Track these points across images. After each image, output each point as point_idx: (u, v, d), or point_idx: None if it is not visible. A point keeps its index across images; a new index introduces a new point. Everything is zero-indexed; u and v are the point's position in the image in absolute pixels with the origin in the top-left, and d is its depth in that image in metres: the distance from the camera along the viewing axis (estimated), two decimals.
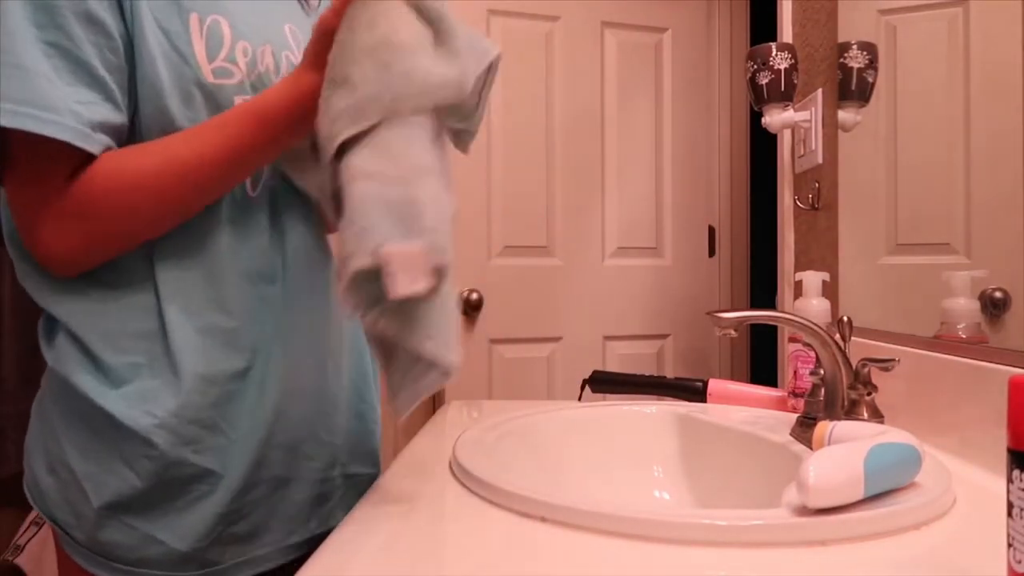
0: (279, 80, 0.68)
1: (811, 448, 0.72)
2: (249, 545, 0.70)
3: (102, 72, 0.60)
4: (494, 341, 1.91)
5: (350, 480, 0.80)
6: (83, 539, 0.65)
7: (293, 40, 0.74)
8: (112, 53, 0.61)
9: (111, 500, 0.64)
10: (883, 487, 0.54)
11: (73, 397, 0.64)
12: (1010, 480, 0.36)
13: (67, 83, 0.58)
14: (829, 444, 0.61)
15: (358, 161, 0.55)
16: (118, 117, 0.62)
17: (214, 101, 0.65)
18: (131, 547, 0.65)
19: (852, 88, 1.11)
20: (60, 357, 0.65)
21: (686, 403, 1.02)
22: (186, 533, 0.65)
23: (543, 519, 0.54)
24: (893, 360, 0.69)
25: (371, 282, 0.54)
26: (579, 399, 1.14)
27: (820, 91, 1.21)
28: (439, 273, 0.56)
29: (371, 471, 0.83)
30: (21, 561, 1.29)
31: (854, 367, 0.72)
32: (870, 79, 1.05)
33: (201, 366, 0.65)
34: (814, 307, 0.94)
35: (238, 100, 0.66)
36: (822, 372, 0.76)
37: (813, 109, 1.23)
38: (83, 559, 0.66)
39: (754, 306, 2.14)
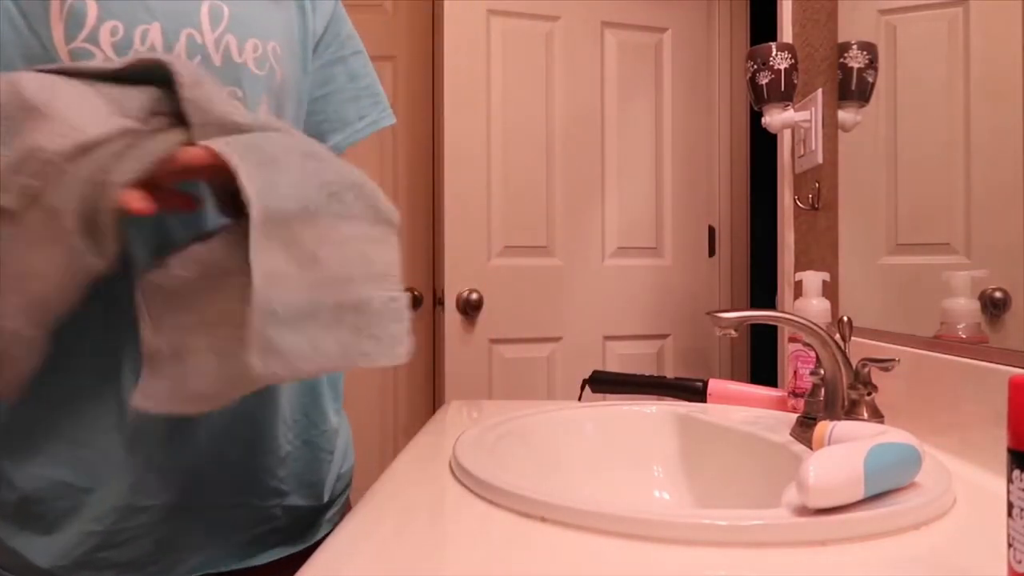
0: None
1: (811, 448, 0.72)
2: (134, 574, 0.66)
3: None
4: (494, 341, 1.91)
5: (290, 514, 0.75)
6: None
7: (210, 19, 0.68)
8: None
9: None
10: (883, 487, 0.54)
11: None
12: (1010, 480, 0.36)
13: None
14: (829, 444, 0.61)
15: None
16: None
17: None
18: None
19: (852, 88, 1.11)
20: None
21: (686, 403, 1.02)
22: (46, 550, 0.64)
23: (543, 519, 0.54)
24: (893, 360, 0.69)
25: None
26: (579, 399, 1.14)
27: (820, 91, 1.21)
28: None
29: (312, 504, 0.78)
30: None
31: (854, 367, 0.72)
32: (870, 79, 1.05)
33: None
34: (814, 307, 0.94)
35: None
36: (822, 372, 0.76)
37: (813, 109, 1.23)
38: None
39: (754, 306, 2.14)
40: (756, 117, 1.36)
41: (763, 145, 1.99)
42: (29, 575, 0.64)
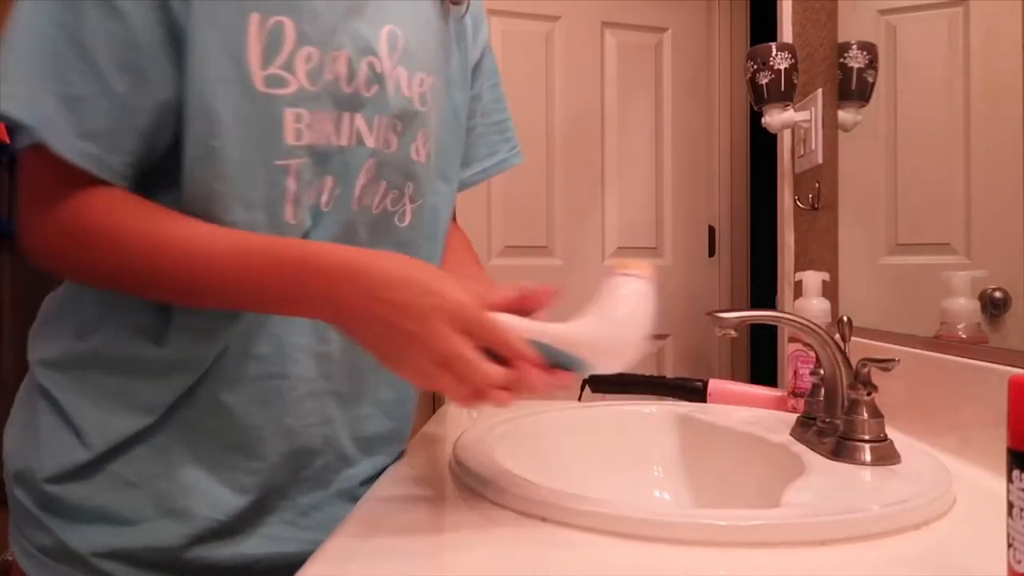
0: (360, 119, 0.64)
1: (811, 448, 0.72)
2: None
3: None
4: None
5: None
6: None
7: (389, 44, 0.65)
8: (127, 47, 0.55)
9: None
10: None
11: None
12: (1010, 480, 0.36)
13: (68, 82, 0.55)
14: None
15: None
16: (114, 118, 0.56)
17: (264, 111, 0.59)
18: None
19: (852, 88, 1.11)
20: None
21: (686, 403, 1.02)
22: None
23: (543, 519, 0.54)
24: (893, 360, 0.69)
25: None
26: (579, 399, 1.14)
27: (820, 91, 1.21)
28: None
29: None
30: None
31: (854, 367, 0.72)
32: (870, 79, 1.05)
33: None
34: (814, 307, 0.94)
35: (290, 113, 0.60)
36: (822, 372, 0.76)
37: (813, 109, 1.23)
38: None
39: (754, 306, 2.14)
40: (756, 117, 1.36)
41: (763, 145, 1.99)
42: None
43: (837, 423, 0.72)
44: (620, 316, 0.60)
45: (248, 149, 0.59)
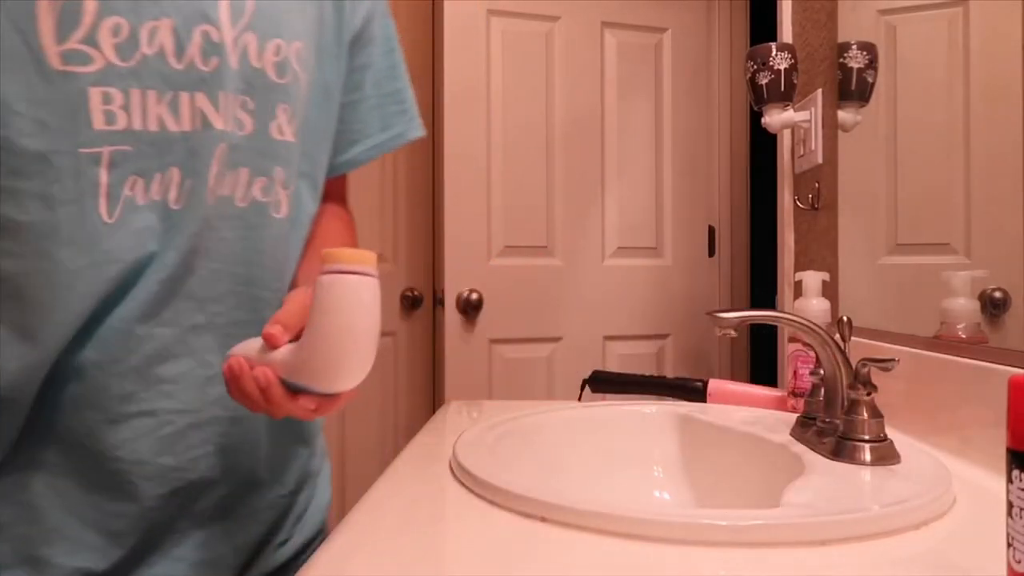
0: (198, 86, 0.56)
1: (811, 448, 0.72)
2: None
3: None
4: (494, 341, 1.91)
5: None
6: None
7: (232, 10, 0.58)
8: None
9: None
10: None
11: None
12: (1010, 480, 0.36)
13: None
14: None
15: None
16: None
17: (63, 92, 0.52)
18: None
19: (852, 88, 1.11)
20: None
21: (686, 403, 1.02)
22: None
23: (543, 519, 0.54)
24: (893, 360, 0.69)
25: None
26: (579, 399, 1.14)
27: (820, 91, 1.21)
28: None
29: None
30: None
31: (854, 367, 0.72)
32: (870, 79, 1.05)
33: None
34: (814, 307, 0.94)
35: (96, 93, 0.53)
36: (822, 372, 0.76)
37: (813, 109, 1.23)
38: None
39: (754, 306, 2.14)
40: (756, 117, 1.36)
41: (763, 145, 1.99)
42: None
43: (837, 423, 0.72)
44: (330, 330, 0.51)
45: (46, 137, 0.52)
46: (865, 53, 1.07)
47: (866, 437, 0.68)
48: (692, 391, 1.07)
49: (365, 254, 0.51)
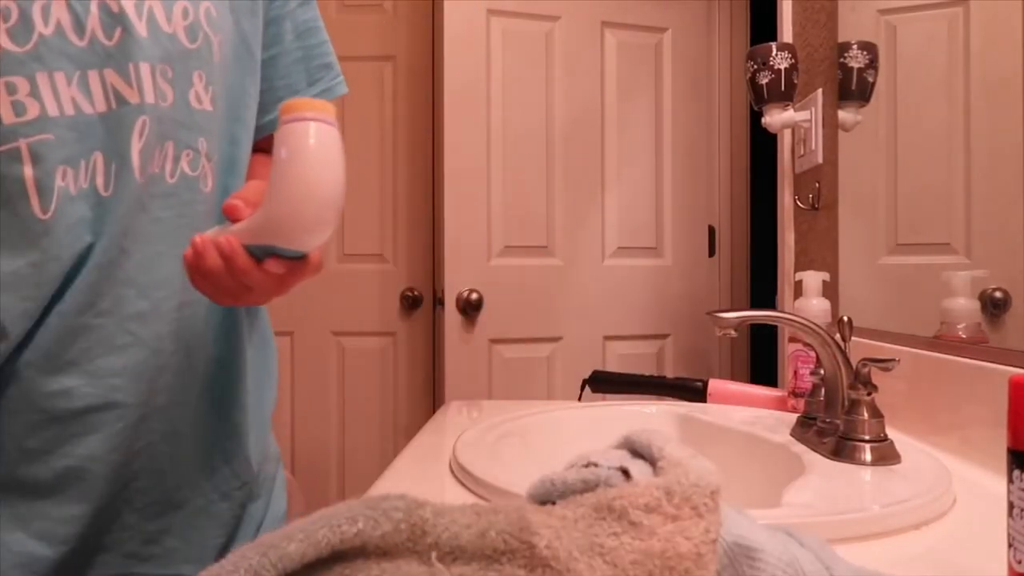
0: (86, 43, 0.52)
1: (811, 448, 0.72)
2: None
3: None
4: (494, 341, 1.91)
5: None
6: None
7: None
8: None
9: None
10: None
11: None
12: (1010, 480, 0.36)
13: None
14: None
15: None
16: None
17: None
18: None
19: (852, 88, 1.11)
20: None
21: (686, 403, 1.02)
22: None
23: None
24: (893, 360, 0.69)
25: None
26: (579, 399, 1.14)
27: (820, 91, 1.21)
28: None
29: None
30: None
31: (854, 367, 0.72)
32: (870, 79, 1.05)
33: None
34: (814, 307, 0.94)
35: None
36: (822, 372, 0.76)
37: (813, 109, 1.23)
38: None
39: (754, 306, 2.14)
40: (756, 117, 1.36)
41: (763, 145, 1.99)
42: None
43: (837, 423, 0.72)
44: (291, 179, 0.48)
45: None
46: (865, 53, 1.07)
47: (866, 437, 0.68)
48: (692, 391, 1.07)
49: (325, 103, 0.49)
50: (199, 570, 0.60)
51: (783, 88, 1.18)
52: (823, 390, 0.76)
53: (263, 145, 0.71)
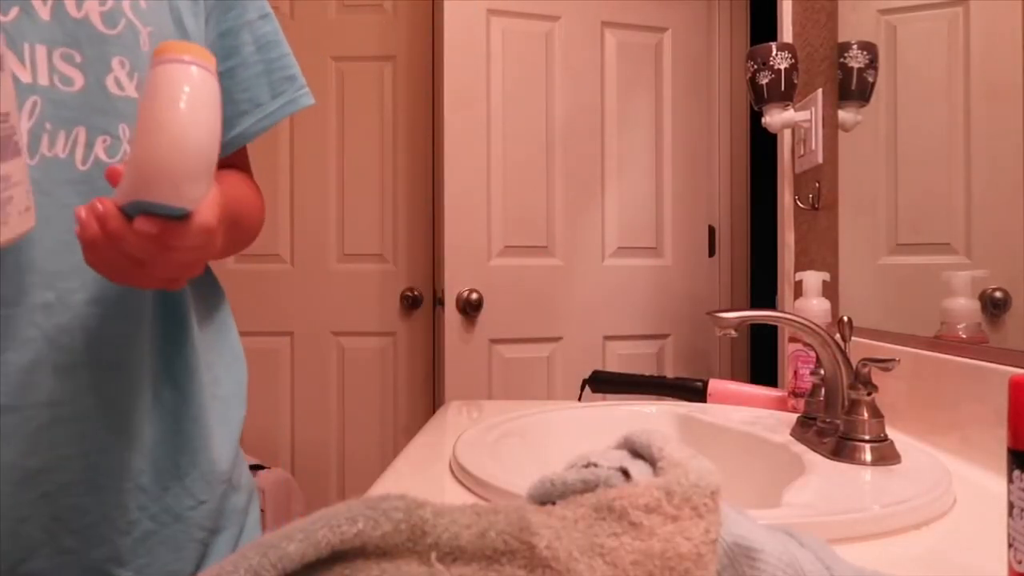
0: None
1: (811, 448, 0.72)
2: None
3: None
4: (494, 341, 1.91)
5: None
6: None
7: None
8: None
9: None
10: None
11: None
12: (1010, 480, 0.36)
13: None
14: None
15: None
16: None
17: None
18: None
19: (852, 88, 1.11)
20: None
21: (686, 403, 1.02)
22: None
23: None
24: (893, 360, 0.69)
25: None
26: (579, 399, 1.14)
27: (820, 91, 1.21)
28: None
29: None
30: None
31: (854, 367, 0.72)
32: (870, 79, 1.05)
33: None
34: (814, 307, 0.94)
35: None
36: (822, 372, 0.76)
37: (813, 109, 1.23)
38: None
39: (754, 306, 2.14)
40: (756, 117, 1.36)
41: (763, 145, 1.99)
42: None
43: (837, 423, 0.72)
44: (156, 122, 0.44)
45: None
46: (865, 53, 1.07)
47: (866, 437, 0.68)
48: (692, 391, 1.07)
49: (202, 49, 0.46)
50: None
51: (783, 88, 1.18)
52: (823, 390, 0.76)
53: (231, 163, 0.70)
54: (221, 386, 0.67)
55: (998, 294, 0.76)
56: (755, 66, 1.19)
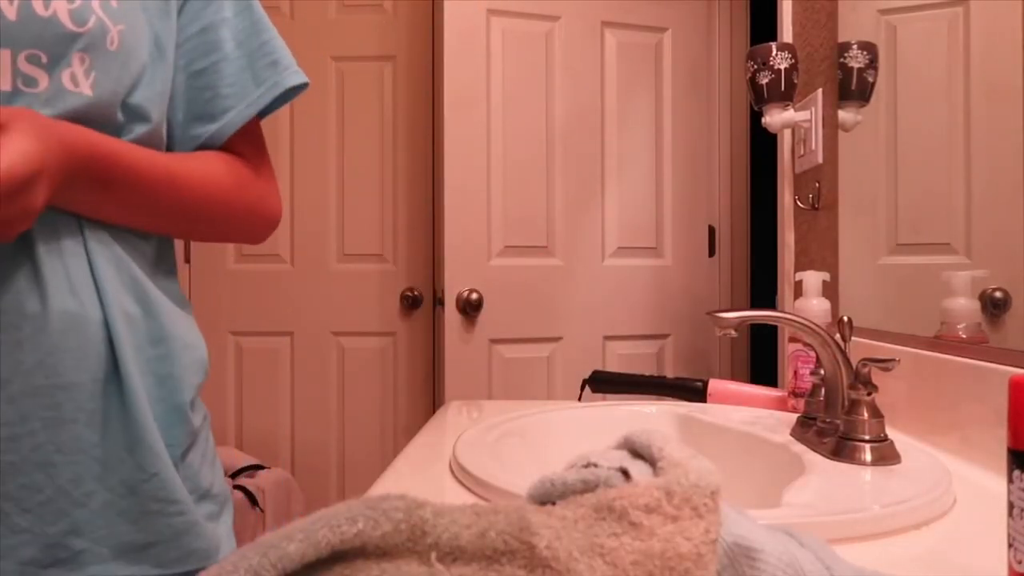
0: None
1: (811, 448, 0.72)
2: None
3: None
4: (494, 341, 1.91)
5: None
6: None
7: None
8: None
9: None
10: None
11: None
12: (1010, 480, 0.36)
13: None
14: None
15: None
16: None
17: None
18: None
19: (852, 88, 1.11)
20: None
21: (686, 403, 1.02)
22: None
23: None
24: (893, 360, 0.69)
25: None
26: (579, 399, 1.14)
27: (820, 91, 1.21)
28: None
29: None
30: None
31: (854, 367, 0.72)
32: (870, 79, 1.05)
33: None
34: (814, 307, 0.94)
35: None
36: (822, 372, 0.76)
37: (813, 109, 1.23)
38: None
39: (754, 306, 2.14)
40: (756, 117, 1.36)
41: (763, 145, 1.99)
42: None
43: (837, 423, 0.72)
44: None
45: None
46: (865, 53, 1.07)
47: (866, 437, 0.68)
48: (692, 391, 1.07)
49: None
50: (118, 568, 0.55)
51: (783, 88, 1.18)
52: (823, 390, 0.77)
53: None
54: (155, 343, 0.64)
55: (998, 294, 0.76)
56: (755, 66, 1.19)
